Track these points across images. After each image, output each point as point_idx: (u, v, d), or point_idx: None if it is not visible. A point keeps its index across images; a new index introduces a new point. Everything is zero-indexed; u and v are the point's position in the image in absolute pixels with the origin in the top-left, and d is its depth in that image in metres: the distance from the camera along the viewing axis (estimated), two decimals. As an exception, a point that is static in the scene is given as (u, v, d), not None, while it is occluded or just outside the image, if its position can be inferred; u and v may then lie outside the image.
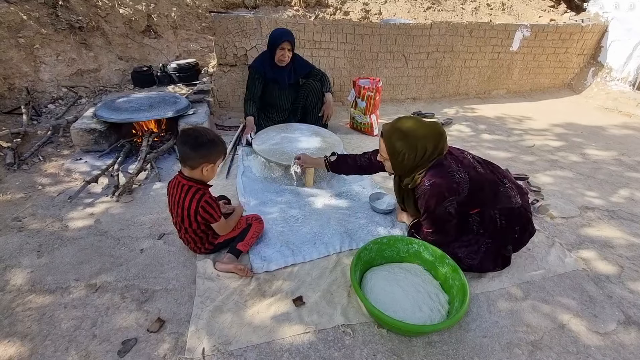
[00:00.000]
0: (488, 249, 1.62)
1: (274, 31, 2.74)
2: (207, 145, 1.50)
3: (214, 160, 1.55)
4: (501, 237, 1.63)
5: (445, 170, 1.51)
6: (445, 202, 1.50)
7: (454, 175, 1.51)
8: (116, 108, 2.71)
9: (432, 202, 1.52)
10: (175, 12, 4.02)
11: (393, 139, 1.54)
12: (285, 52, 2.69)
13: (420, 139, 1.50)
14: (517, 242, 1.70)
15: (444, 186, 1.49)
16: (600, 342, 1.42)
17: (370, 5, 4.93)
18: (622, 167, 2.97)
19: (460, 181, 1.51)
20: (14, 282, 1.55)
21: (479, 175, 1.58)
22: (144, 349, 1.29)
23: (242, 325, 1.38)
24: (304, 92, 2.95)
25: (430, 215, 1.58)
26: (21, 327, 1.35)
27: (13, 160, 2.47)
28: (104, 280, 1.57)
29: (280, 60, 2.72)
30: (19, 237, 1.82)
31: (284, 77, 2.84)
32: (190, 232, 1.62)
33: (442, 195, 1.49)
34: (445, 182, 1.49)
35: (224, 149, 1.60)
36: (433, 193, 1.50)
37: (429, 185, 1.50)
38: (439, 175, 1.50)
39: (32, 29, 3.30)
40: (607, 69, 4.93)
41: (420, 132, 1.51)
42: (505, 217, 1.60)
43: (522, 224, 1.65)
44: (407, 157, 1.53)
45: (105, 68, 3.71)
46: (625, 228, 2.14)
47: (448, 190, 1.49)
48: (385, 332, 1.39)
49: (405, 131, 1.52)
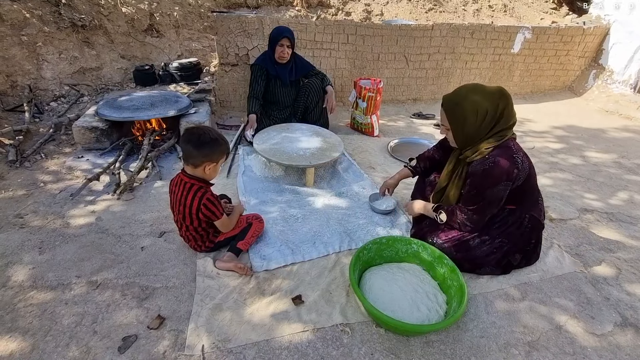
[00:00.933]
0: (500, 247, 1.64)
1: (274, 29, 2.78)
2: (209, 145, 1.51)
3: (216, 160, 1.56)
4: (519, 242, 1.66)
5: (511, 153, 1.48)
6: (500, 185, 1.48)
7: (517, 161, 1.48)
8: (118, 106, 2.72)
9: (489, 182, 1.48)
10: (178, 12, 4.04)
11: (451, 104, 1.52)
12: (285, 49, 2.72)
13: (478, 101, 1.46)
14: (525, 256, 1.73)
15: (506, 168, 1.45)
16: (597, 343, 1.43)
17: (372, 6, 4.94)
18: (622, 169, 2.98)
19: (521, 169, 1.49)
20: (16, 279, 1.56)
21: (534, 174, 1.60)
22: (144, 345, 1.30)
23: (242, 323, 1.39)
24: (305, 90, 2.97)
25: (478, 195, 1.53)
26: (22, 323, 1.37)
27: (15, 157, 2.48)
28: (105, 277, 1.59)
29: (280, 57, 2.76)
30: (21, 233, 1.84)
31: (286, 74, 2.88)
32: (191, 229, 1.63)
33: (501, 176, 1.46)
34: (508, 165, 1.45)
35: (227, 148, 1.61)
36: (494, 172, 1.46)
37: (493, 162, 1.46)
38: (504, 156, 1.47)
39: (35, 26, 3.32)
40: (608, 72, 4.94)
41: (478, 94, 1.47)
42: (530, 226, 1.64)
43: (537, 240, 1.72)
44: (467, 122, 1.48)
45: (108, 66, 3.73)
46: (624, 231, 2.15)
47: (508, 174, 1.46)
48: (384, 332, 1.40)
49: (463, 95, 1.50)
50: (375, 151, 2.98)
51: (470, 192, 1.56)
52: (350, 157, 2.79)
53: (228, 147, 1.62)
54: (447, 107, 1.55)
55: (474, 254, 1.64)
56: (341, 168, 2.60)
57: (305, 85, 2.98)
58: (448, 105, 1.54)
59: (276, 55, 2.76)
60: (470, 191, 1.56)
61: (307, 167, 2.28)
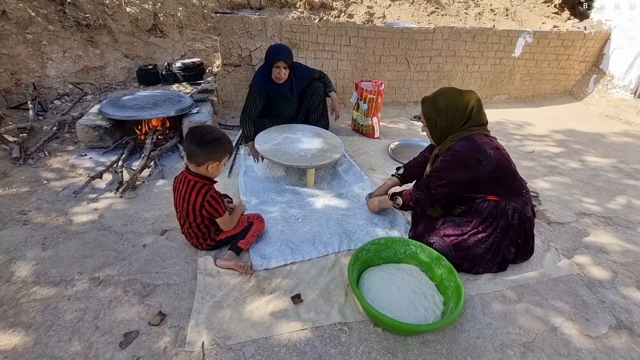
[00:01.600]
0: (495, 243, 1.68)
1: (270, 48, 2.65)
2: (212, 144, 1.54)
3: (219, 158, 1.59)
4: (510, 234, 1.70)
5: (475, 145, 1.61)
6: (457, 170, 1.60)
7: (480, 150, 1.60)
8: (121, 105, 2.75)
9: (446, 165, 1.63)
10: (182, 12, 4.07)
11: (427, 103, 1.71)
12: (281, 70, 2.60)
13: (451, 97, 1.65)
14: (519, 250, 1.75)
15: (465, 156, 1.59)
16: (592, 345, 1.45)
17: (375, 8, 4.96)
18: (621, 174, 3.00)
19: (484, 159, 1.59)
20: (19, 274, 1.59)
21: (508, 164, 1.69)
22: (145, 341, 1.32)
23: (241, 320, 1.41)
24: (307, 94, 2.96)
25: (435, 175, 1.68)
26: (25, 318, 1.39)
27: (19, 154, 2.51)
28: (107, 274, 1.61)
29: (277, 78, 2.64)
30: (24, 230, 1.86)
31: (286, 92, 2.77)
32: (194, 226, 1.66)
33: (459, 163, 1.60)
34: (469, 154, 1.59)
35: (230, 147, 1.64)
36: (453, 158, 1.61)
37: (454, 150, 1.62)
38: (466, 147, 1.61)
39: (40, 25, 3.35)
40: (608, 77, 4.96)
41: (452, 93, 1.67)
42: (518, 217, 1.69)
43: (527, 233, 1.76)
44: (440, 117, 1.65)
45: (111, 65, 3.76)
46: (621, 234, 2.16)
47: (466, 162, 1.60)
48: (381, 331, 1.42)
49: (439, 93, 1.68)
50: (376, 153, 3.00)
51: (432, 173, 1.72)
52: (350, 159, 2.81)
53: (231, 146, 1.65)
54: (424, 104, 1.74)
55: (471, 253, 1.68)
56: (342, 169, 2.63)
57: (307, 89, 2.95)
58: (426, 103, 1.73)
59: (273, 76, 2.65)
60: (431, 172, 1.73)
61: (307, 167, 2.30)
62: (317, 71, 3.03)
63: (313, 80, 2.96)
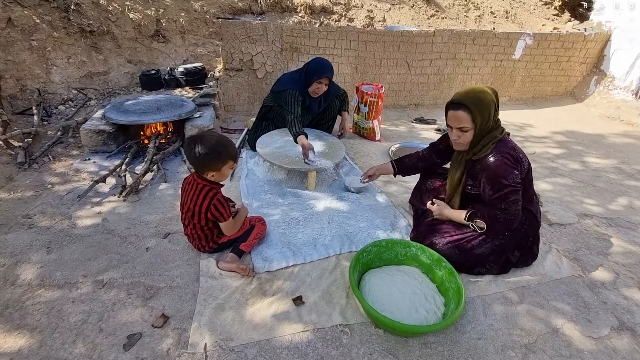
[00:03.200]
0: (501, 244, 1.68)
1: (315, 62, 2.60)
2: (203, 158, 1.53)
3: (217, 168, 1.59)
4: (517, 237, 1.70)
5: (511, 145, 1.63)
6: (515, 171, 1.58)
7: (517, 151, 1.63)
8: (124, 110, 2.78)
9: (503, 169, 1.57)
10: (184, 18, 4.12)
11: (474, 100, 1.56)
12: (323, 87, 2.61)
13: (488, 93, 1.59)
14: (524, 254, 1.76)
15: (513, 155, 1.59)
16: (593, 346, 1.45)
17: (375, 12, 5.00)
18: (622, 175, 2.99)
19: (523, 157, 1.63)
20: (24, 277, 1.61)
21: (530, 168, 1.69)
22: (149, 343, 1.34)
23: (243, 322, 1.43)
24: (325, 111, 2.95)
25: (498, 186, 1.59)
26: (31, 320, 1.41)
27: (24, 159, 2.54)
28: (111, 276, 1.63)
29: (315, 92, 2.63)
30: (29, 233, 1.89)
31: (315, 107, 2.77)
32: (197, 227, 1.68)
33: (512, 163, 1.57)
34: (511, 153, 1.59)
35: (228, 154, 1.59)
36: (505, 161, 1.57)
37: (499, 153, 1.58)
38: (506, 147, 1.61)
39: (45, 32, 3.40)
40: (609, 78, 4.96)
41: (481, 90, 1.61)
42: (528, 222, 1.70)
43: (535, 238, 1.77)
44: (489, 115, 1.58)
45: (115, 71, 3.80)
46: (623, 236, 2.16)
47: (515, 160, 1.59)
48: (382, 333, 1.43)
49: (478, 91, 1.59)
50: (377, 155, 3.01)
51: (491, 187, 1.61)
52: (351, 161, 2.82)
53: (229, 153, 1.59)
54: (471, 105, 1.55)
55: (474, 253, 1.68)
56: (343, 172, 2.64)
57: (326, 107, 2.93)
58: (473, 104, 1.55)
59: (311, 90, 2.61)
60: (490, 187, 1.61)
61: (309, 170, 2.32)
62: (342, 90, 3.02)
63: (335, 97, 2.94)
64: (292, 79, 2.69)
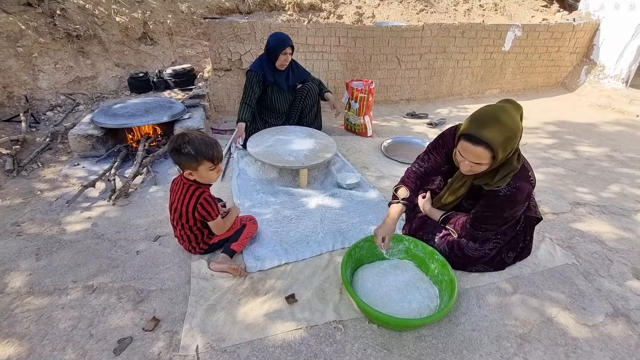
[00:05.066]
0: (495, 248, 1.65)
1: (275, 36, 2.72)
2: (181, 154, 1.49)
3: (192, 167, 1.53)
4: (512, 241, 1.68)
5: (527, 174, 1.47)
6: (520, 206, 1.47)
7: (531, 179, 1.48)
8: (113, 114, 2.75)
9: (510, 205, 1.45)
10: (171, 19, 4.08)
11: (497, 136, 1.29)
12: (288, 57, 2.75)
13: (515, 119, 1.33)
14: (518, 255, 1.75)
15: (527, 191, 1.44)
16: (588, 334, 1.45)
17: (364, 8, 4.99)
18: (614, 163, 3.00)
19: (534, 184, 1.49)
20: (13, 285, 1.58)
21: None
22: (140, 347, 1.32)
23: (236, 323, 1.41)
24: (302, 94, 2.99)
25: (495, 216, 1.51)
26: (19, 328, 1.38)
27: (12, 166, 2.51)
28: (101, 281, 1.60)
29: (282, 64, 2.77)
30: (18, 241, 1.86)
31: (283, 80, 2.89)
32: (186, 228, 1.66)
33: (522, 199, 1.45)
34: (528, 187, 1.44)
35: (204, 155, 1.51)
36: (517, 197, 1.43)
37: (515, 188, 1.42)
38: (524, 179, 1.44)
39: (31, 38, 3.36)
40: (600, 67, 4.98)
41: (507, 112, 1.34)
42: (524, 224, 1.67)
43: (530, 237, 1.75)
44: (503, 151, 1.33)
45: (103, 75, 3.76)
46: (616, 222, 2.17)
47: (527, 195, 1.45)
48: (376, 327, 1.42)
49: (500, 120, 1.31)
50: (369, 151, 3.00)
51: (486, 212, 1.52)
52: (343, 158, 2.81)
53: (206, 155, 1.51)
54: (497, 146, 1.29)
55: (468, 254, 1.65)
56: (335, 169, 2.63)
57: (302, 89, 3.00)
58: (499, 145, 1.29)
59: (278, 63, 2.75)
60: (486, 212, 1.52)
61: (300, 168, 2.30)
62: (313, 77, 3.12)
63: (308, 80, 3.03)
64: (258, 61, 2.85)
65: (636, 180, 2.71)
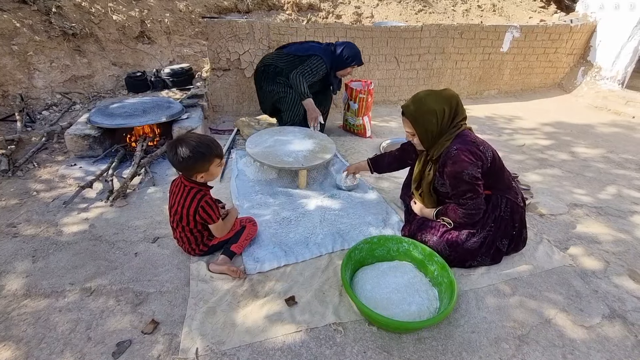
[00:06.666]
0: (489, 236, 1.70)
1: (355, 50, 2.80)
2: (190, 160, 1.49)
3: (204, 169, 1.55)
4: (502, 227, 1.71)
5: (469, 139, 1.63)
6: (472, 165, 1.58)
7: (476, 143, 1.63)
8: (110, 114, 2.73)
9: (460, 165, 1.58)
10: (169, 18, 4.05)
11: (412, 112, 1.64)
12: (351, 72, 2.93)
13: (434, 102, 1.61)
14: (512, 242, 1.77)
15: (469, 149, 1.59)
16: (586, 335, 1.46)
17: (362, 8, 4.98)
18: (610, 164, 3.03)
19: (483, 150, 1.63)
20: (10, 287, 1.56)
21: (499, 157, 1.70)
22: (138, 350, 1.31)
23: (235, 325, 1.41)
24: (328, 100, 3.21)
25: (457, 181, 1.61)
26: (16, 331, 1.37)
27: (7, 166, 2.48)
28: (99, 283, 1.59)
29: (342, 75, 2.91)
30: (14, 243, 1.84)
31: (336, 86, 3.03)
32: (186, 230, 1.65)
33: (468, 158, 1.57)
34: (469, 148, 1.59)
35: (212, 154, 1.54)
36: (460, 157, 1.58)
37: (456, 149, 1.59)
38: (463, 142, 1.61)
39: (26, 36, 3.32)
40: (596, 68, 5.01)
41: (433, 97, 1.62)
42: (510, 209, 1.72)
43: (521, 223, 1.78)
44: (431, 124, 1.61)
45: (99, 74, 3.73)
46: (612, 224, 2.18)
47: (473, 154, 1.59)
48: (376, 330, 1.42)
49: (419, 100, 1.63)
50: (368, 152, 3.00)
51: (451, 183, 1.65)
52: (342, 159, 2.81)
53: (214, 153, 1.55)
54: (409, 116, 1.66)
55: (465, 248, 1.68)
56: (334, 169, 2.62)
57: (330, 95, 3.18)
58: (410, 114, 1.65)
59: (341, 73, 2.86)
60: (450, 183, 1.65)
61: (299, 169, 2.30)
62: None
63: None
64: (326, 50, 2.79)
65: (632, 181, 2.73)
